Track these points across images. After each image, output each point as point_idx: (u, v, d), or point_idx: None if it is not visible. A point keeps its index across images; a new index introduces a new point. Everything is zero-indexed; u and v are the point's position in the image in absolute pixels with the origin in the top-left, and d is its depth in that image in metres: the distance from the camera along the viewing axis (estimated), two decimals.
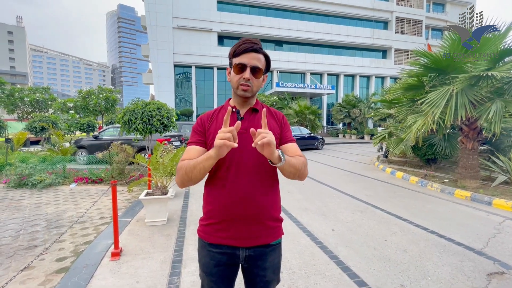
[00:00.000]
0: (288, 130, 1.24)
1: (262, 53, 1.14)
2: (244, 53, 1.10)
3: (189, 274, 2.49)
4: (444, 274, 2.54)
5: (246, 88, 1.11)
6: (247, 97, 1.15)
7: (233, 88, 1.16)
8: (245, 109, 1.19)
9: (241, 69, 1.10)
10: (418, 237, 3.40)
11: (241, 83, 1.10)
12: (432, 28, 35.75)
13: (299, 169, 1.09)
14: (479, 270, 2.61)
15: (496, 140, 6.12)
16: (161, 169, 3.88)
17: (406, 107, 6.57)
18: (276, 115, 1.25)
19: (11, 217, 4.04)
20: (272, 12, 29.45)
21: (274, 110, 1.28)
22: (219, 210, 1.13)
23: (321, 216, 4.14)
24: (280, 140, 1.20)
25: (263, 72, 1.15)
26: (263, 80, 1.18)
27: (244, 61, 1.09)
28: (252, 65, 1.10)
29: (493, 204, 4.68)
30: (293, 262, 2.73)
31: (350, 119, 25.60)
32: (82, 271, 2.52)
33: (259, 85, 1.15)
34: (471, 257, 2.88)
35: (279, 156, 0.99)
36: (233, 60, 1.13)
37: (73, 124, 17.84)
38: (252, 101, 1.20)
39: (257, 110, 1.19)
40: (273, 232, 1.17)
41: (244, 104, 1.19)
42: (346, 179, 7.09)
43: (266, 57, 1.17)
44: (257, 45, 1.12)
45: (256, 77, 1.12)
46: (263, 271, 1.16)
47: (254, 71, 1.10)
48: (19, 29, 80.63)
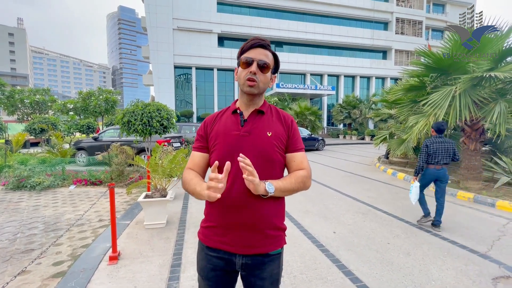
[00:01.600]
0: (297, 137, 1.16)
1: (270, 50, 1.11)
2: (252, 48, 1.09)
3: (188, 279, 2.44)
4: (448, 278, 2.48)
5: (252, 84, 1.06)
6: (254, 94, 1.10)
7: (240, 86, 1.12)
8: (250, 110, 1.14)
9: (248, 64, 1.07)
10: (421, 239, 3.35)
11: (248, 77, 1.06)
12: (432, 29, 35.73)
13: (295, 190, 1.08)
14: (484, 274, 2.55)
15: (499, 141, 6.07)
16: (160, 171, 3.83)
17: (408, 108, 6.52)
18: (284, 118, 1.17)
19: (9, 220, 3.99)
20: (272, 13, 29.47)
21: (284, 113, 1.19)
22: (217, 215, 1.10)
23: (323, 219, 4.09)
24: (287, 148, 1.14)
25: (270, 69, 1.11)
26: (271, 80, 1.14)
27: (251, 55, 1.07)
28: (259, 59, 1.07)
29: (497, 206, 4.63)
30: (294, 266, 2.67)
31: (351, 120, 25.56)
32: (79, 276, 2.47)
33: (266, 82, 1.11)
34: (475, 260, 2.82)
35: (265, 190, 0.99)
36: (241, 58, 1.10)
37: (73, 126, 17.81)
38: (259, 102, 1.15)
39: (263, 112, 1.14)
40: (273, 241, 1.11)
41: (250, 104, 1.14)
42: (347, 180, 7.04)
43: (274, 56, 1.14)
44: (265, 41, 1.10)
45: (263, 72, 1.08)
46: (261, 281, 1.11)
47: (261, 66, 1.07)
48: (19, 31, 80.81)
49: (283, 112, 1.19)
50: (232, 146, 1.06)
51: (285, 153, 1.14)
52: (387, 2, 32.30)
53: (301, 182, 1.08)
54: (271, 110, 1.18)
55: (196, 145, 1.18)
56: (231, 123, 1.12)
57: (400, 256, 2.90)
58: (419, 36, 33.09)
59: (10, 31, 78.16)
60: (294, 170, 1.12)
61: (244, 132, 1.08)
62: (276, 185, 1.03)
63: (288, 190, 1.06)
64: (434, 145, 3.73)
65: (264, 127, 1.10)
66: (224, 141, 1.08)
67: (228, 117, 1.15)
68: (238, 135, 1.08)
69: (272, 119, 1.14)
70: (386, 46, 32.37)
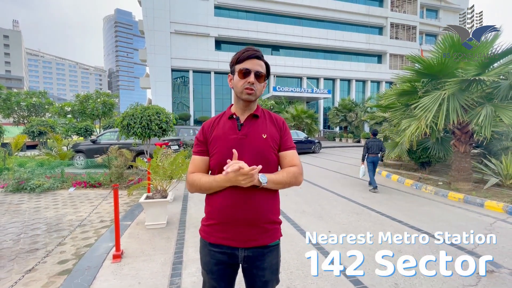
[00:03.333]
0: (288, 137, 1.28)
1: (263, 60, 1.24)
2: (248, 59, 1.19)
3: (190, 275, 2.55)
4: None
5: (250, 92, 1.18)
6: (251, 101, 1.22)
7: (236, 93, 1.22)
8: (246, 115, 1.25)
9: (246, 74, 1.18)
10: (412, 238, 3.49)
11: (246, 87, 1.17)
12: (426, 34, 36.43)
13: (287, 183, 1.18)
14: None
15: (489, 144, 6.29)
16: (161, 172, 3.95)
17: (401, 112, 6.73)
18: (276, 121, 1.29)
19: (11, 221, 4.06)
20: (269, 17, 29.82)
21: (275, 115, 1.32)
22: (218, 212, 1.19)
23: (318, 219, 4.23)
24: (279, 147, 1.25)
25: (264, 77, 1.24)
26: (263, 86, 1.27)
27: (248, 66, 1.18)
28: (256, 70, 1.18)
29: (485, 206, 4.81)
30: (291, 263, 2.80)
31: (347, 123, 25.83)
32: (84, 273, 2.57)
33: (261, 90, 1.23)
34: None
35: (258, 181, 1.10)
36: (236, 67, 1.21)
37: (71, 129, 17.79)
38: (253, 107, 1.27)
39: (257, 116, 1.25)
40: (270, 234, 1.22)
41: (245, 109, 1.25)
42: (342, 182, 7.20)
43: (266, 65, 1.26)
44: (259, 52, 1.22)
45: (259, 82, 1.20)
46: (262, 271, 1.22)
47: (258, 76, 1.19)
48: (15, 33, 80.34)
49: (274, 115, 1.32)
50: (231, 149, 1.14)
51: (278, 152, 1.25)
52: (381, 7, 32.90)
53: (292, 177, 1.19)
54: (264, 113, 1.29)
55: (196, 149, 1.27)
56: (229, 128, 1.22)
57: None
58: (413, 40, 33.70)
59: (5, 33, 77.65)
60: (286, 167, 1.24)
61: (242, 135, 1.19)
62: (269, 176, 1.13)
63: (281, 182, 1.17)
64: (370, 143, 6.25)
65: (259, 130, 1.22)
66: (223, 144, 1.19)
67: (225, 122, 1.25)
68: (237, 138, 1.19)
69: (266, 122, 1.26)
70: (381, 51, 32.91)
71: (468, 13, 7.00)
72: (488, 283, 2.46)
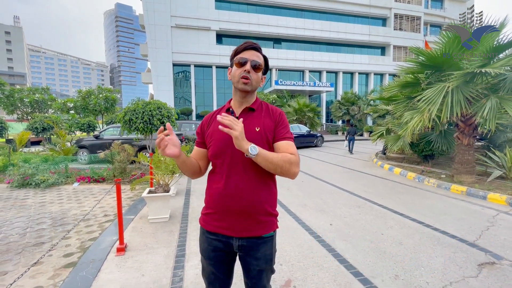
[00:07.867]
0: (283, 127, 1.24)
1: (261, 53, 1.25)
2: (245, 50, 1.22)
3: (193, 267, 2.59)
4: (437, 264, 2.64)
5: (246, 81, 1.19)
6: (247, 91, 1.22)
7: (233, 84, 1.24)
8: (242, 108, 1.26)
9: (242, 63, 1.20)
10: (413, 230, 3.50)
11: (242, 75, 1.18)
12: (431, 25, 35.76)
13: (279, 165, 1.11)
14: (471, 260, 2.72)
15: (493, 136, 6.22)
16: (163, 167, 3.97)
17: (404, 104, 6.66)
18: (272, 112, 1.27)
19: (17, 216, 4.13)
20: (270, 10, 29.44)
21: (273, 107, 1.31)
22: (214, 202, 1.24)
23: (320, 212, 4.24)
24: (274, 138, 1.23)
25: (262, 70, 1.25)
26: (262, 79, 1.28)
27: (245, 56, 1.20)
28: (252, 59, 1.20)
29: (488, 198, 4.79)
30: (292, 255, 2.83)
31: (349, 116, 25.70)
32: (89, 266, 2.62)
33: (258, 81, 1.24)
34: (463, 248, 2.98)
35: (247, 150, 1.06)
36: (235, 58, 1.23)
37: (74, 124, 17.91)
38: (250, 99, 1.27)
39: (253, 110, 1.26)
40: (265, 226, 1.24)
41: (243, 102, 1.26)
42: (344, 176, 7.20)
43: (265, 59, 1.27)
44: (257, 45, 1.24)
45: (256, 72, 1.21)
46: (256, 260, 1.25)
47: (254, 66, 1.20)
48: (16, 29, 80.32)
49: (272, 106, 1.31)
50: (225, 141, 1.17)
51: (272, 143, 1.23)
52: None
53: (287, 162, 1.13)
54: (261, 106, 1.29)
55: (196, 141, 1.38)
56: None
57: (392, 246, 3.06)
58: (417, 32, 33.12)
59: (6, 30, 77.68)
60: None
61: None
62: (261, 150, 1.09)
63: (272, 162, 1.10)
64: (349, 129, 12.18)
65: (253, 123, 1.22)
66: (218, 137, 1.22)
67: None
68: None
69: (261, 115, 1.26)
70: (385, 42, 32.41)
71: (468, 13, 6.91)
72: (489, 274, 2.47)
